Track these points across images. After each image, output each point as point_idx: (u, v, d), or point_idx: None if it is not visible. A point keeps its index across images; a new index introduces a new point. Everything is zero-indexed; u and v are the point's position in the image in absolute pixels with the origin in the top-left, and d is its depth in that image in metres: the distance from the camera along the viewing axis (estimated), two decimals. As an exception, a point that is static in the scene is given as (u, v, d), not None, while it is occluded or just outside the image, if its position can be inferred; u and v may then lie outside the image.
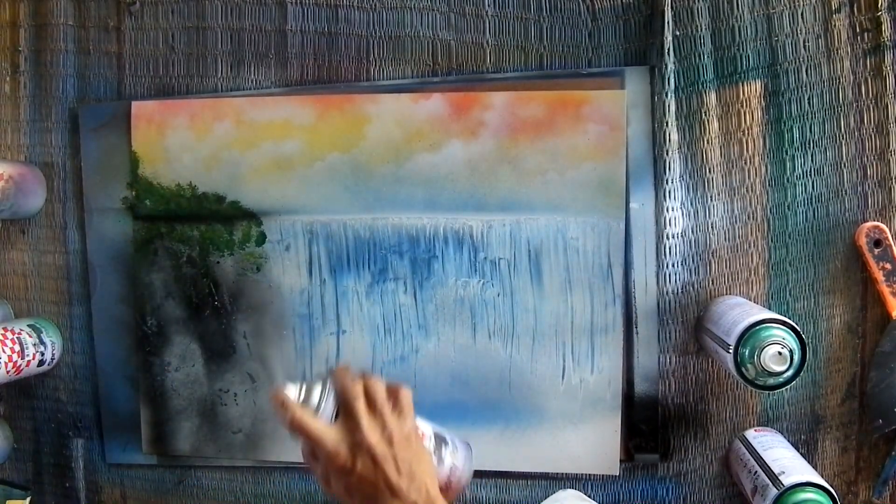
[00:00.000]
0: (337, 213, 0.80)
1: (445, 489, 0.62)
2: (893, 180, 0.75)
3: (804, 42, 0.75)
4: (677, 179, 0.76)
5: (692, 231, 0.77)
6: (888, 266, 0.74)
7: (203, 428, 0.83)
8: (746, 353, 0.66)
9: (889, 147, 0.75)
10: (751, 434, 0.76)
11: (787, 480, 0.67)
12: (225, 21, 0.82)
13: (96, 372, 0.85)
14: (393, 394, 0.62)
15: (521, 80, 0.78)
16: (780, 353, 0.65)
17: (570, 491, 0.76)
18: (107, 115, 0.83)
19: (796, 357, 0.66)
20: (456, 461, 0.64)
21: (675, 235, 0.77)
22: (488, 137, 0.78)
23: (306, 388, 0.61)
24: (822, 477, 0.68)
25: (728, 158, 0.77)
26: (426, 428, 0.64)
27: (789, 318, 0.67)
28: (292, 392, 0.61)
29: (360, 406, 0.60)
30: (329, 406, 0.61)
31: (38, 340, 0.81)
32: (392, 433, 0.59)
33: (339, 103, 0.79)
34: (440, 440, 0.64)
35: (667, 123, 0.76)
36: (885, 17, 0.74)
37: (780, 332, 0.66)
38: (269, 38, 0.81)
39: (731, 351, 0.67)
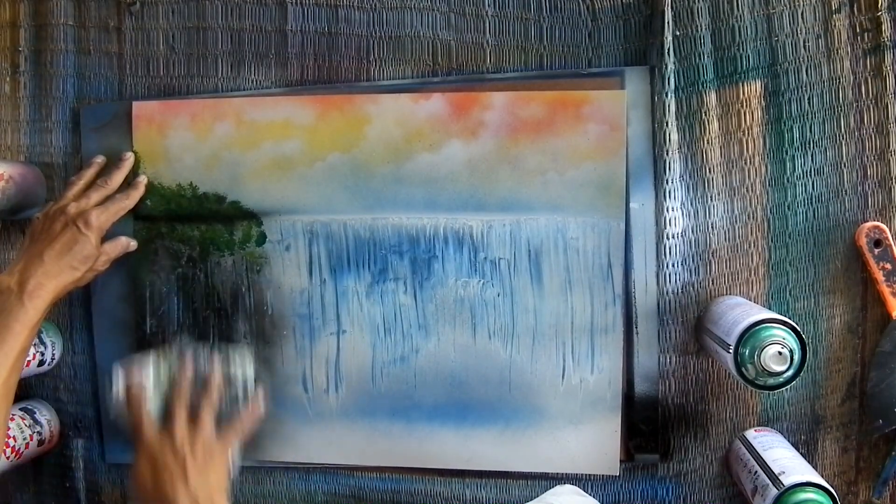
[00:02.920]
0: (337, 213, 0.80)
1: None
2: (893, 180, 0.75)
3: (804, 42, 0.75)
4: (677, 179, 0.76)
5: (692, 231, 0.77)
6: (888, 266, 0.74)
7: (203, 428, 0.83)
8: (746, 353, 0.66)
9: (889, 147, 0.75)
10: (751, 434, 0.76)
11: (788, 480, 0.67)
12: (225, 21, 0.82)
13: (96, 372, 0.85)
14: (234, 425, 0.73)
15: (521, 80, 0.78)
16: (780, 353, 0.65)
17: (568, 486, 0.76)
18: (107, 115, 0.83)
19: (796, 357, 0.66)
20: None
21: (675, 235, 0.77)
22: (488, 137, 0.78)
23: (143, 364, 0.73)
24: (822, 477, 0.68)
25: (728, 158, 0.77)
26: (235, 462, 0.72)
27: (789, 318, 0.67)
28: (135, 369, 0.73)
29: (181, 412, 0.71)
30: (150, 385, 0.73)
31: (38, 340, 0.81)
32: (202, 441, 0.70)
33: (339, 103, 0.79)
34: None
35: (667, 123, 0.76)
36: (885, 17, 0.74)
37: (780, 332, 0.66)
38: (270, 38, 0.81)
39: (731, 351, 0.67)
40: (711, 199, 0.77)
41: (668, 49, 0.75)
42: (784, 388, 0.67)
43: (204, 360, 0.75)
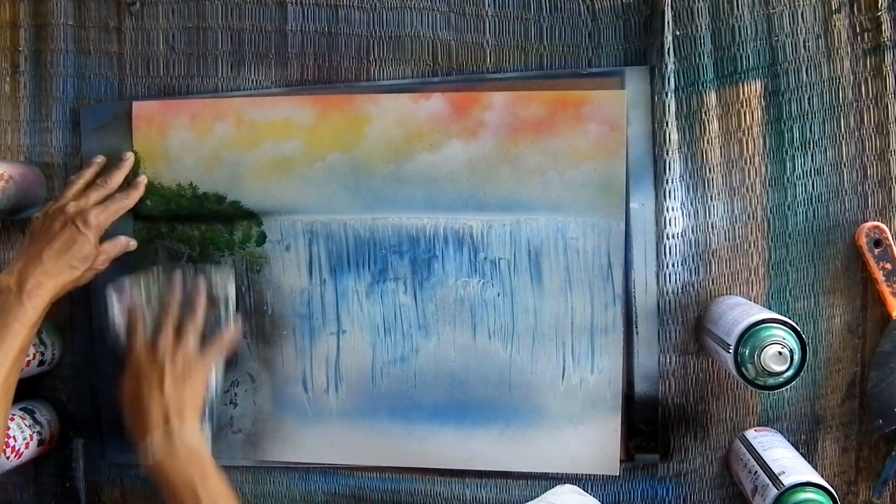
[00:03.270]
0: (337, 213, 0.80)
1: None
2: (893, 180, 0.75)
3: (804, 42, 0.75)
4: (677, 179, 0.76)
5: (692, 231, 0.77)
6: (888, 266, 0.74)
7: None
8: (746, 353, 0.66)
9: (889, 147, 0.75)
10: (751, 434, 0.76)
11: (788, 480, 0.67)
12: (225, 21, 0.82)
13: (96, 372, 0.85)
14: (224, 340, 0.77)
15: (521, 80, 0.78)
16: (780, 353, 0.65)
17: (568, 486, 0.76)
18: (107, 115, 0.83)
19: (796, 357, 0.66)
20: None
21: (675, 235, 0.77)
22: (488, 137, 0.78)
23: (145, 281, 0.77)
24: (822, 477, 0.68)
25: (728, 158, 0.77)
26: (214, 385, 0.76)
27: (789, 318, 0.67)
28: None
29: (168, 329, 0.75)
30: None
31: (38, 340, 0.81)
32: (183, 354, 0.73)
33: (339, 103, 0.79)
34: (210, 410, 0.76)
35: (667, 123, 0.76)
36: (885, 17, 0.74)
37: (780, 332, 0.66)
38: (270, 38, 0.81)
39: (731, 351, 0.67)
40: (711, 199, 0.77)
41: (668, 49, 0.75)
42: (784, 388, 0.67)
43: (189, 281, 0.78)
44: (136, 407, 0.71)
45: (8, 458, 0.78)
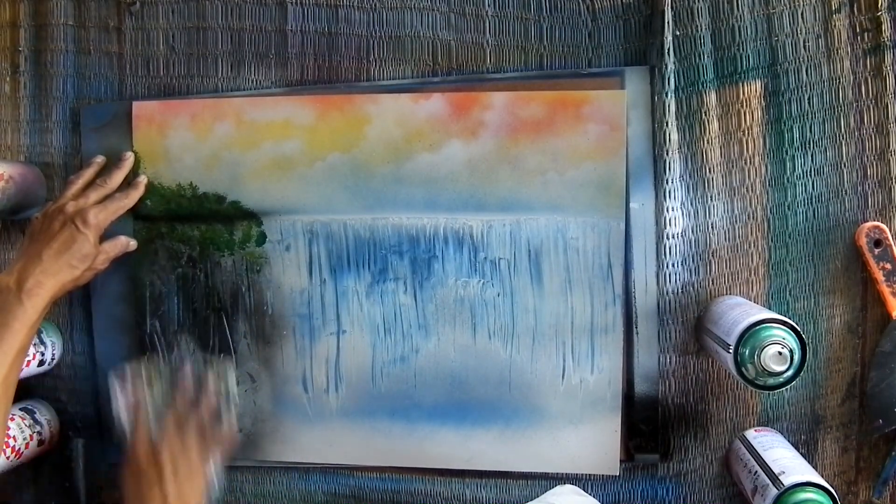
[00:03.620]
0: (337, 213, 0.80)
1: None
2: (893, 180, 0.75)
3: (804, 42, 0.75)
4: (677, 179, 0.76)
5: (692, 231, 0.77)
6: (888, 266, 0.74)
7: (203, 428, 0.83)
8: (746, 353, 0.66)
9: (889, 147, 0.75)
10: (751, 434, 0.76)
11: (787, 480, 0.67)
12: (225, 21, 0.82)
13: (96, 372, 0.85)
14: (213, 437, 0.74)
15: (521, 80, 0.78)
16: (780, 353, 0.65)
17: (568, 486, 0.76)
18: (107, 115, 0.83)
19: (796, 357, 0.66)
20: None
21: (675, 235, 0.77)
22: (488, 137, 0.78)
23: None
24: (822, 477, 0.68)
25: (728, 158, 0.77)
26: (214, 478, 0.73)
27: (789, 318, 0.67)
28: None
29: (168, 426, 0.72)
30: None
31: (38, 340, 0.81)
32: (186, 459, 0.71)
33: (339, 103, 0.79)
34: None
35: (667, 123, 0.76)
36: (885, 17, 0.74)
37: (780, 332, 0.66)
38: (269, 38, 0.81)
39: (731, 351, 0.67)
40: (711, 199, 0.77)
41: (668, 49, 0.75)
42: (784, 388, 0.67)
43: (192, 374, 0.76)
44: (137, 501, 0.70)
45: (8, 458, 0.78)
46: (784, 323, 0.67)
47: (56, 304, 0.85)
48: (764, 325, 0.66)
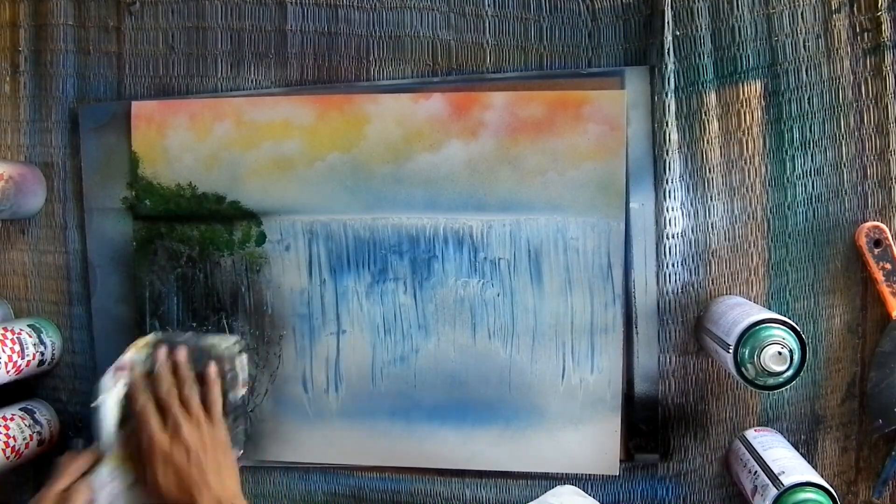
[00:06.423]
0: (337, 213, 0.80)
1: None
2: (893, 180, 0.75)
3: (804, 42, 0.75)
4: (677, 179, 0.76)
5: (692, 231, 0.77)
6: (888, 266, 0.74)
7: (203, 428, 0.83)
8: (746, 353, 0.66)
9: (889, 147, 0.75)
10: (751, 434, 0.76)
11: (787, 480, 0.67)
12: (225, 21, 0.82)
13: (96, 372, 0.85)
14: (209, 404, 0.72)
15: (521, 80, 0.78)
16: (780, 353, 0.65)
17: (568, 486, 0.76)
18: (107, 115, 0.83)
19: (796, 357, 0.66)
20: None
21: (675, 235, 0.77)
22: (488, 137, 0.78)
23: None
24: (822, 477, 0.68)
25: (728, 158, 0.77)
26: None
27: (789, 318, 0.67)
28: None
29: (176, 410, 0.70)
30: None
31: (38, 340, 0.81)
32: (205, 437, 0.70)
33: (339, 103, 0.79)
34: None
35: (667, 123, 0.76)
36: (885, 17, 0.74)
37: (780, 332, 0.66)
38: (269, 38, 0.81)
39: (731, 351, 0.67)
40: (711, 199, 0.77)
41: (668, 49, 0.75)
42: (784, 388, 0.67)
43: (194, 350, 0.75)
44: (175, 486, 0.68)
45: (8, 458, 0.78)
46: (784, 323, 0.67)
47: (56, 304, 0.86)
48: (764, 325, 0.66)
